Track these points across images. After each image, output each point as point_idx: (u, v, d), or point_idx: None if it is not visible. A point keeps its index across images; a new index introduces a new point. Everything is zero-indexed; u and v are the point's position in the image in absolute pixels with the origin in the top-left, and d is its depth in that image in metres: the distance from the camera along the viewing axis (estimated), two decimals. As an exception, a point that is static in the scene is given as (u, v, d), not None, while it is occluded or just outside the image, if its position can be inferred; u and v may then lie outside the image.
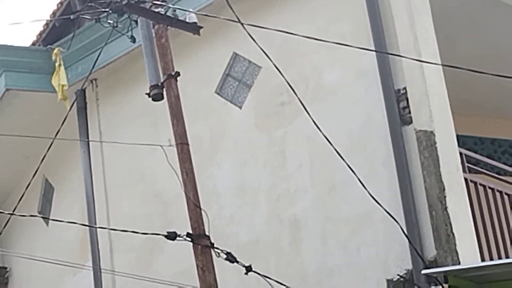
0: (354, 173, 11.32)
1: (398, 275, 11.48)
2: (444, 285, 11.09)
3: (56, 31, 15.25)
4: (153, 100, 10.86)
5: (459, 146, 12.48)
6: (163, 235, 10.60)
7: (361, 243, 12.01)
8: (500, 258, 12.24)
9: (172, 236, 10.39)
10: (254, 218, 13.42)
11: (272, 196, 13.32)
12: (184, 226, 10.41)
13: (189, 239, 10.27)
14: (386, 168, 11.93)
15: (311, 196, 12.80)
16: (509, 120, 16.65)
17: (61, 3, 13.69)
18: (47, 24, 15.59)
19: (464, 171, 12.16)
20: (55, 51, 12.76)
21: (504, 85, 13.27)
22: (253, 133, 13.86)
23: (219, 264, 10.42)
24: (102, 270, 14.72)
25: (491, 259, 12.10)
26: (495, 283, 11.30)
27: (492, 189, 12.83)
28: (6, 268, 16.88)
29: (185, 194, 10.48)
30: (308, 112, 11.71)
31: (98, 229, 14.51)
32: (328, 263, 12.30)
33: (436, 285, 11.11)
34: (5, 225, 14.23)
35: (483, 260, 11.75)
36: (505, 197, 13.01)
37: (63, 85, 12.17)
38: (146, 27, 10.92)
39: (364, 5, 12.40)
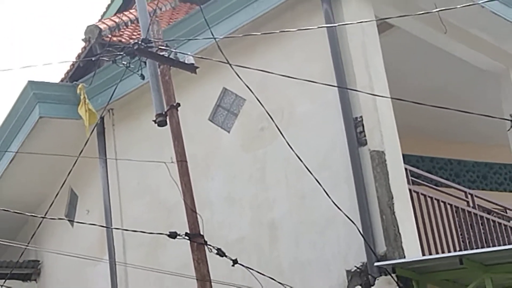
0: (321, 186, 11.50)
1: (355, 266, 11.64)
2: (392, 274, 11.30)
3: (80, 70, 15.29)
4: (158, 126, 10.80)
5: (404, 163, 12.73)
6: (166, 234, 10.56)
7: (326, 242, 12.20)
8: (437, 253, 12.48)
9: (173, 235, 10.43)
10: (240, 222, 13.50)
11: (254, 204, 13.44)
12: (183, 228, 10.46)
13: (187, 238, 10.32)
14: (346, 182, 12.06)
15: (286, 204, 12.91)
16: (444, 142, 16.71)
17: (84, 47, 13.73)
18: (73, 64, 15.63)
19: (408, 183, 12.44)
20: (79, 86, 12.83)
21: (441, 113, 13.37)
22: (239, 153, 13.96)
23: (211, 258, 10.43)
24: (116, 263, 14.78)
25: (430, 254, 12.31)
26: (433, 273, 11.64)
27: (431, 198, 13.12)
28: (39, 261, 16.61)
29: (184, 201, 10.50)
30: (283, 136, 11.87)
31: (113, 230, 14.55)
32: (300, 258, 12.43)
33: (386, 275, 11.33)
34: (38, 226, 14.35)
35: (423, 254, 11.98)
36: (441, 204, 13.26)
37: (90, 114, 12.35)
38: (153, 67, 10.90)
39: (329, 50, 12.57)
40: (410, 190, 12.37)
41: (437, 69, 15.17)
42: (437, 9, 12.30)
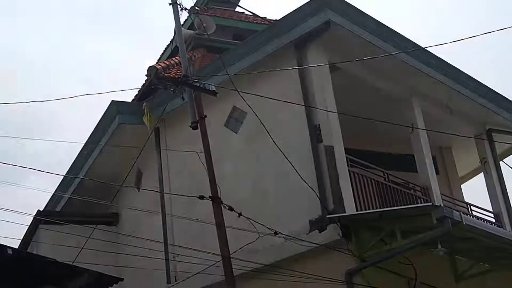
0: (294, 167, 11.71)
1: (315, 218, 11.79)
2: (337, 223, 11.33)
3: (144, 94, 15.39)
4: (192, 129, 11.10)
5: (345, 153, 12.38)
6: (197, 197, 10.76)
7: (297, 203, 12.20)
8: (365, 210, 12.39)
9: (201, 197, 10.65)
10: (243, 189, 13.24)
11: (252, 178, 13.40)
12: (208, 193, 10.59)
13: (210, 199, 10.53)
14: (310, 165, 12.11)
15: (272, 178, 12.94)
16: (371, 140, 15.65)
17: (147, 80, 13.78)
18: (139, 90, 15.86)
19: (348, 166, 12.39)
20: (144, 104, 12.93)
21: (368, 123, 13.19)
22: (243, 146, 13.80)
23: (225, 212, 10.63)
24: (166, 215, 14.66)
25: (361, 210, 12.22)
26: (363, 222, 11.54)
27: (362, 175, 13.14)
28: (117, 213, 16.53)
29: (208, 176, 10.71)
30: (270, 136, 12.02)
31: (164, 194, 14.37)
32: (281, 213, 12.33)
33: (333, 223, 11.37)
34: (117, 192, 14.45)
35: (357, 210, 11.87)
36: (368, 180, 13.25)
37: (150, 121, 12.53)
38: (189, 92, 11.09)
39: (299, 83, 12.51)
40: (349, 171, 12.42)
41: (364, 95, 14.26)
42: (360, 59, 12.53)
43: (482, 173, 16.82)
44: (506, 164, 17.23)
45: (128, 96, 15.86)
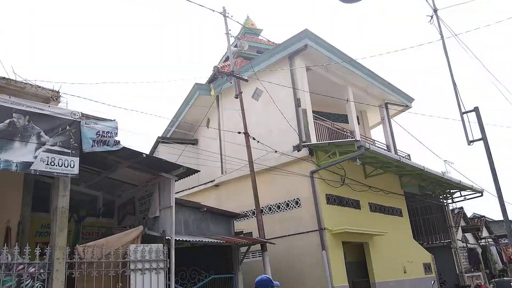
0: (286, 119, 11.61)
1: (295, 144, 11.59)
2: (307, 147, 11.23)
3: (211, 79, 14.85)
4: (235, 98, 10.86)
5: (313, 113, 12.11)
6: (237, 132, 10.84)
7: (285, 137, 11.84)
8: (321, 141, 12.16)
9: (239, 132, 10.64)
10: (260, 129, 12.33)
11: (266, 124, 12.64)
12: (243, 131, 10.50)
13: (244, 133, 10.44)
14: (294, 118, 11.76)
15: (276, 124, 12.28)
16: (327, 105, 14.58)
17: (213, 71, 13.54)
18: (209, 78, 15.27)
19: (314, 119, 12.12)
20: (211, 85, 13.15)
21: (327, 99, 13.39)
22: (260, 108, 12.96)
23: (251, 140, 10.51)
24: (221, 141, 13.98)
25: (320, 141, 12.03)
26: (321, 147, 11.26)
27: (321, 124, 12.78)
28: (197, 139, 15.60)
29: (243, 123, 10.58)
30: (276, 106, 11.79)
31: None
32: (279, 140, 11.86)
33: (305, 147, 11.31)
34: (197, 128, 14.54)
35: (317, 141, 11.83)
36: (323, 126, 12.90)
37: (213, 94, 12.43)
38: (235, 79, 10.93)
39: (291, 84, 12.12)
40: (314, 122, 12.13)
41: (323, 83, 13.29)
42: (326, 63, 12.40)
43: (381, 124, 16.76)
44: (395, 121, 17.29)
45: (203, 80, 15.77)
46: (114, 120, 6.17)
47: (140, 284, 6.20)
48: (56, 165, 5.48)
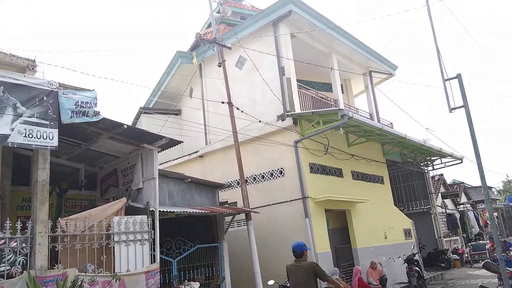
0: (270, 88, 11.51)
1: (279, 113, 11.56)
2: (291, 116, 11.18)
3: (193, 47, 14.56)
4: (218, 66, 10.58)
5: (297, 82, 12.00)
6: (221, 102, 10.62)
7: (272, 106, 11.74)
8: (304, 110, 12.07)
9: (222, 102, 10.47)
10: (243, 98, 12.35)
11: (249, 93, 12.55)
12: (226, 101, 10.30)
13: (227, 103, 10.22)
14: (278, 87, 11.63)
15: (260, 93, 12.21)
16: (311, 73, 14.66)
17: (195, 38, 13.27)
18: (191, 45, 15.10)
19: (298, 88, 12.05)
20: (193, 53, 12.83)
21: (312, 68, 13.62)
22: (243, 77, 12.80)
23: (234, 110, 10.50)
24: (205, 111, 13.85)
25: (303, 110, 11.99)
26: (304, 117, 11.21)
27: (305, 93, 12.65)
28: (180, 109, 15.31)
29: (227, 92, 10.32)
30: (259, 73, 11.79)
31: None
32: (264, 110, 11.86)
33: (289, 117, 11.23)
34: (179, 98, 14.33)
35: (301, 110, 11.75)
36: (307, 95, 12.80)
37: (195, 62, 12.11)
38: (217, 47, 10.59)
39: (275, 51, 11.94)
40: (298, 91, 12.06)
41: (307, 51, 13.21)
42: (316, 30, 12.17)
43: (365, 93, 16.80)
44: (378, 89, 17.33)
45: (185, 48, 15.36)
46: (93, 90, 5.98)
47: (124, 256, 6.25)
48: (35, 137, 5.35)
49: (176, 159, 14.43)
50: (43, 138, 5.42)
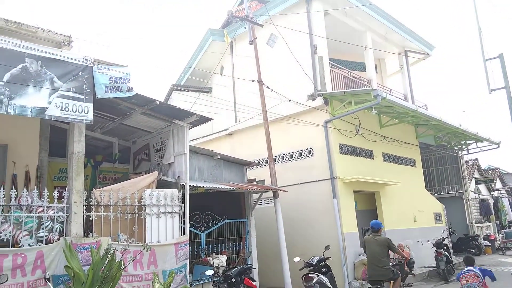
0: (301, 66, 11.26)
1: (310, 93, 11.33)
2: (322, 96, 10.99)
3: (225, 24, 14.86)
4: (250, 44, 10.56)
5: (329, 60, 11.77)
6: (251, 80, 10.64)
7: (303, 85, 11.46)
8: (335, 89, 11.91)
9: (253, 80, 10.44)
10: (274, 77, 11.90)
11: (280, 71, 12.16)
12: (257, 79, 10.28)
13: (258, 81, 10.19)
14: (310, 66, 11.38)
15: (291, 72, 11.84)
16: (344, 52, 14.37)
17: (227, 16, 13.09)
18: (223, 22, 15.03)
19: (330, 66, 11.77)
20: (224, 30, 12.88)
21: (348, 46, 13.34)
22: (275, 55, 12.50)
23: (264, 88, 10.43)
24: (235, 89, 13.83)
25: (334, 90, 11.76)
26: (335, 97, 10.98)
27: (337, 72, 12.44)
28: (211, 87, 15.23)
29: (257, 70, 10.35)
30: (291, 52, 11.49)
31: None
32: (294, 89, 11.47)
33: (320, 96, 11.07)
34: (211, 76, 14.38)
35: (332, 90, 11.56)
36: (340, 75, 12.56)
37: (227, 39, 12.09)
38: (249, 24, 10.57)
39: (308, 30, 11.68)
40: (330, 70, 11.82)
41: (341, 29, 12.84)
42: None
43: (400, 73, 16.36)
44: (414, 70, 16.79)
45: (217, 26, 15.32)
46: (127, 65, 6.06)
47: (155, 227, 6.44)
48: (70, 111, 5.47)
49: (206, 136, 14.53)
50: (79, 112, 5.54)
